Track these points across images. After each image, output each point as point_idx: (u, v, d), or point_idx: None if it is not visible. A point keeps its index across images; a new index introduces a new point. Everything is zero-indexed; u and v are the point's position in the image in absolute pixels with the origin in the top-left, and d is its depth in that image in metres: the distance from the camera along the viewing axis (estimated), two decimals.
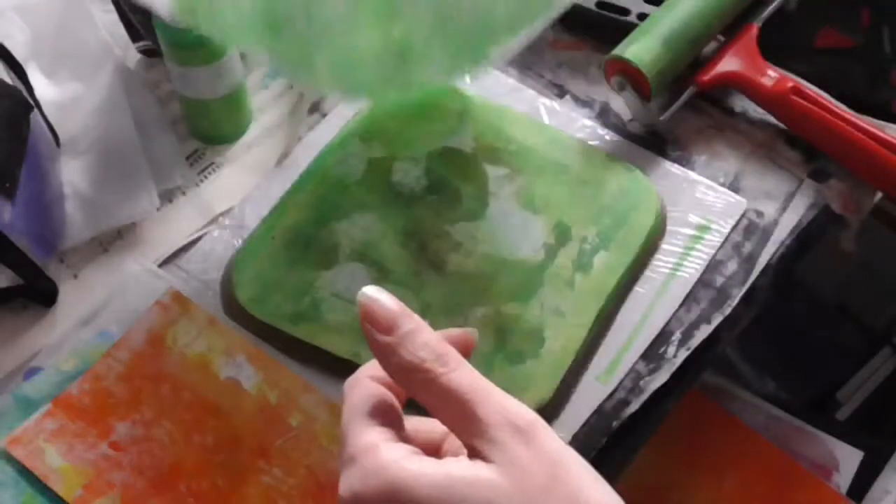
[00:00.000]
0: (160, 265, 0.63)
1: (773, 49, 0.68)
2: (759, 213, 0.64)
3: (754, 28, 0.69)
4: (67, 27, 0.70)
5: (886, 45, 0.71)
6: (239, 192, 0.66)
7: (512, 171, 0.65)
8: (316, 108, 0.70)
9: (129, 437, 0.56)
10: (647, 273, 0.62)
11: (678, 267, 0.62)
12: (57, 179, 0.64)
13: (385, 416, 0.37)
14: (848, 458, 0.55)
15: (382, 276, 0.61)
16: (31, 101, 0.61)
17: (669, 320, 0.60)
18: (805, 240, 0.64)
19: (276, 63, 0.63)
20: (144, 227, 0.64)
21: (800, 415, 0.54)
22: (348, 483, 0.36)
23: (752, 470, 0.50)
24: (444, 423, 0.37)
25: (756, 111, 0.68)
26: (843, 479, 0.54)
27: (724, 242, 0.63)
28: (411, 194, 0.64)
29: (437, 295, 0.60)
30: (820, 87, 0.66)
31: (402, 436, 0.37)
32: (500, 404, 0.36)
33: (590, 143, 0.67)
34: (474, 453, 0.35)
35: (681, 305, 0.60)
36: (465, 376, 0.36)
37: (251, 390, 0.57)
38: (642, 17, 0.69)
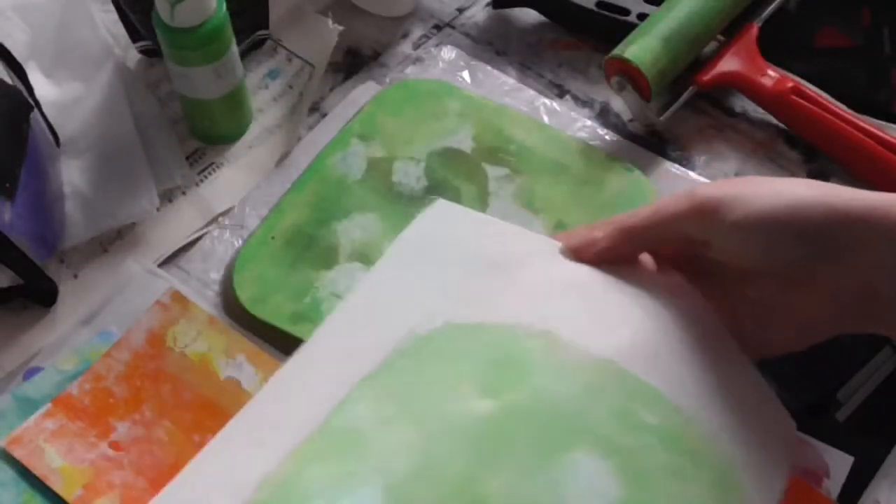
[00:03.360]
0: (160, 265, 0.63)
1: (773, 49, 0.68)
2: None
3: (754, 28, 0.69)
4: (67, 27, 0.70)
5: (886, 45, 0.71)
6: (239, 192, 0.66)
7: (512, 171, 0.65)
8: (316, 108, 0.70)
9: (129, 437, 0.56)
10: None
11: None
12: (57, 179, 0.64)
13: None
14: (839, 464, 0.54)
15: None
16: (31, 101, 0.61)
17: None
18: None
19: None
20: (144, 227, 0.64)
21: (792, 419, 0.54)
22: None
23: None
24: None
25: (756, 111, 0.68)
26: (835, 484, 0.54)
27: None
28: (411, 194, 0.64)
29: None
30: (820, 87, 0.66)
31: None
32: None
33: (590, 143, 0.67)
34: None
35: None
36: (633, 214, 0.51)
37: (251, 390, 0.57)
38: (642, 17, 0.69)
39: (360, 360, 0.48)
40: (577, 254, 0.51)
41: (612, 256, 0.51)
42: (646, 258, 0.52)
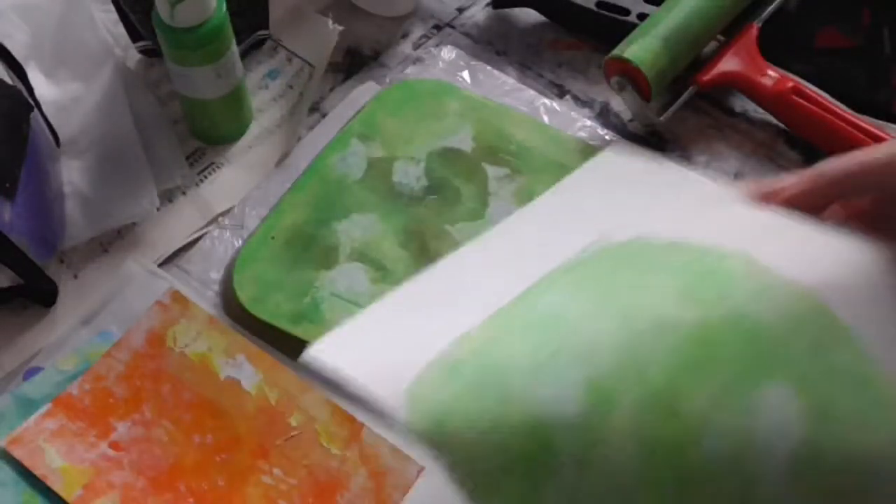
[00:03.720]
0: (160, 265, 0.63)
1: (773, 49, 0.68)
2: None
3: (754, 28, 0.69)
4: (67, 27, 0.70)
5: (886, 45, 0.71)
6: (239, 192, 0.66)
7: (512, 171, 0.65)
8: (316, 108, 0.70)
9: (129, 437, 0.56)
10: None
11: None
12: (57, 179, 0.64)
13: None
14: None
15: (383, 276, 0.61)
16: (31, 101, 0.61)
17: None
18: None
19: None
20: (144, 227, 0.64)
21: None
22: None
23: None
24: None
25: (756, 111, 0.68)
26: None
27: None
28: (411, 194, 0.64)
29: None
30: (820, 87, 0.66)
31: None
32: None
33: (590, 143, 0.67)
34: None
35: None
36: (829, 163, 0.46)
37: (251, 390, 0.57)
38: (642, 17, 0.69)
39: (548, 253, 0.46)
40: (765, 198, 0.47)
41: (803, 202, 0.47)
42: (832, 213, 0.48)
